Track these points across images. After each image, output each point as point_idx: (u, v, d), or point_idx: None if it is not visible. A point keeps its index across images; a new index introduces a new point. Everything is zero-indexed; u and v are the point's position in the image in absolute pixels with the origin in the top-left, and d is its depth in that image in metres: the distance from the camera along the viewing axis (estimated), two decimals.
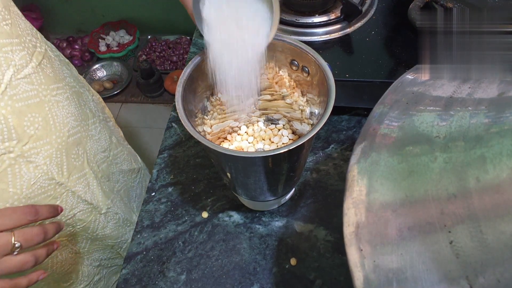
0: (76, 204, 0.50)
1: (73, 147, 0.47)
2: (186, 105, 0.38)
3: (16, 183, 0.40)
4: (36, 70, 0.41)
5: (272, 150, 0.32)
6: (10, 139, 0.38)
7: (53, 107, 0.43)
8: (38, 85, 0.41)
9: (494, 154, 0.21)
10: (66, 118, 0.46)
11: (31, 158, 0.41)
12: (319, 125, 0.33)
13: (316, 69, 0.38)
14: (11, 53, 0.38)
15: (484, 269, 0.20)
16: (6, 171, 0.38)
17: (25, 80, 0.39)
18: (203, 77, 0.40)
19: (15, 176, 0.39)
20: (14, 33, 0.39)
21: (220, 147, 0.33)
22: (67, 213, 0.49)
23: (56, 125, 0.44)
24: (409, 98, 0.30)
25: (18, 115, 0.38)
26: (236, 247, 0.47)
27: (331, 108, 0.34)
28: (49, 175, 0.43)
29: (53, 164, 0.44)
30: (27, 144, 0.40)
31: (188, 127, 0.34)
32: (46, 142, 0.42)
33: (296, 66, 0.41)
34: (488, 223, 0.20)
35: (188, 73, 0.38)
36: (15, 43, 0.38)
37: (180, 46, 1.73)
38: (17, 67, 0.38)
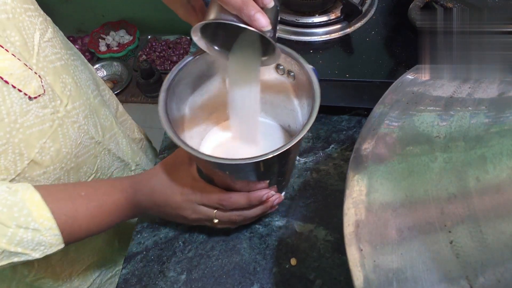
0: (112, 162, 0.53)
1: (100, 108, 0.50)
2: (171, 111, 0.37)
3: (66, 143, 0.42)
4: (54, 35, 0.43)
5: (257, 157, 0.31)
6: (55, 99, 0.40)
7: (75, 71, 0.45)
8: (60, 49, 0.43)
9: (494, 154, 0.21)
10: (87, 81, 0.48)
11: (74, 118, 0.43)
12: (304, 130, 0.33)
13: (301, 73, 0.38)
14: (33, 17, 0.39)
15: (484, 269, 0.20)
16: (57, 131, 0.40)
17: (49, 43, 0.41)
18: (189, 80, 0.40)
19: (65, 136, 0.41)
20: (29, 0, 0.40)
21: (204, 155, 0.32)
22: (106, 172, 0.52)
23: (83, 87, 0.46)
24: (409, 98, 0.30)
25: (53, 76, 0.40)
26: (236, 247, 0.47)
27: (317, 112, 0.34)
28: (89, 134, 0.46)
29: (90, 124, 0.46)
30: (68, 105, 0.42)
31: (171, 134, 0.33)
32: (81, 103, 0.44)
33: (281, 70, 0.41)
34: (488, 223, 0.20)
35: (172, 78, 0.38)
36: (33, 9, 0.40)
37: (180, 46, 1.73)
38: (41, 30, 0.40)
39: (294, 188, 0.51)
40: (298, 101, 0.42)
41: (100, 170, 0.50)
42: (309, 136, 0.56)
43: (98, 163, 0.49)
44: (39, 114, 0.38)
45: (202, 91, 0.43)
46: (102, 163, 0.50)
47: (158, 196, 0.41)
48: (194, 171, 0.41)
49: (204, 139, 0.48)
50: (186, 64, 0.39)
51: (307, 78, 0.37)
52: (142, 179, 0.42)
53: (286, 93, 0.43)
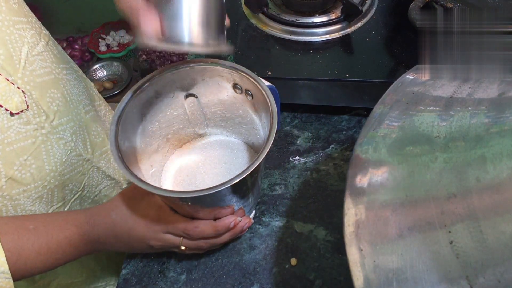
0: (101, 179, 0.51)
1: (92, 124, 0.49)
2: (123, 143, 0.36)
3: (50, 160, 0.41)
4: (46, 49, 0.42)
5: (217, 186, 0.30)
6: (40, 114, 0.39)
7: (66, 85, 0.44)
8: (50, 63, 0.42)
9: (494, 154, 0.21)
10: (79, 96, 0.47)
11: (59, 134, 0.42)
12: (264, 152, 0.32)
13: (258, 92, 0.37)
14: (23, 30, 0.38)
15: (484, 269, 0.20)
16: (40, 148, 0.39)
17: (39, 57, 0.40)
18: (139, 109, 0.39)
19: (49, 153, 0.40)
20: (22, 13, 0.39)
21: (159, 189, 0.31)
22: (94, 189, 0.50)
23: (73, 102, 0.45)
24: (409, 98, 0.30)
25: (40, 91, 0.39)
26: (236, 247, 0.47)
27: (275, 131, 0.33)
28: (76, 151, 0.44)
29: (78, 140, 0.45)
30: (54, 120, 0.41)
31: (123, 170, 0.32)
32: (69, 119, 0.43)
33: (239, 90, 0.40)
34: (488, 223, 0.20)
35: (122, 109, 0.36)
36: (24, 22, 0.39)
37: None
38: (30, 44, 0.39)
39: (294, 188, 0.51)
40: (258, 119, 0.41)
41: (87, 187, 0.49)
42: (309, 136, 0.56)
43: (86, 180, 0.48)
44: (21, 130, 0.37)
45: (154, 118, 0.42)
46: (90, 181, 0.49)
47: (120, 229, 0.39)
48: (157, 199, 0.39)
49: (166, 165, 0.47)
50: (136, 94, 0.38)
51: (264, 97, 0.36)
52: (100, 212, 0.39)
53: (246, 112, 0.42)
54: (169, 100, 0.42)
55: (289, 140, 0.56)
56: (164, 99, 0.41)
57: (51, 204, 0.43)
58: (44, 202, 0.42)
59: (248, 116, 0.43)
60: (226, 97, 0.42)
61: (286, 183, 0.51)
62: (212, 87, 0.41)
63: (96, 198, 0.51)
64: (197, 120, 0.46)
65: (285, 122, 0.58)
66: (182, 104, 0.43)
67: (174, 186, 0.45)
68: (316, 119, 0.58)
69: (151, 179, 0.43)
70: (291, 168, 0.53)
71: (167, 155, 0.47)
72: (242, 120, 0.44)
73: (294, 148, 0.54)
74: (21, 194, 0.39)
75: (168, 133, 0.45)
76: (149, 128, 0.42)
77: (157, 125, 0.42)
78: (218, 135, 0.49)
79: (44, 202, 0.42)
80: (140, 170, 0.39)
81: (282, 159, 0.54)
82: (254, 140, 0.45)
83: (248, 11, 0.58)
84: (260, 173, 0.40)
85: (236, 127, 0.46)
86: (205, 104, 0.44)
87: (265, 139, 0.35)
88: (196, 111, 0.45)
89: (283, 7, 0.58)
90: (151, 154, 0.43)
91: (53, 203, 0.43)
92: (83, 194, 0.48)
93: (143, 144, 0.41)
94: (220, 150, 0.47)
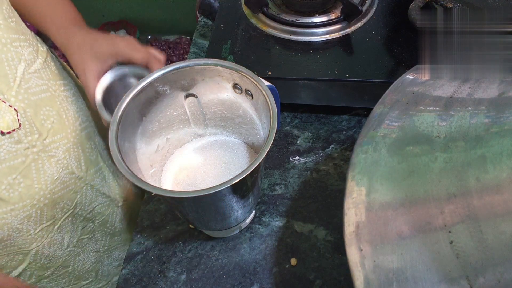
0: (95, 197, 0.50)
1: (86, 141, 0.48)
2: (123, 143, 0.35)
3: (40, 178, 0.40)
4: (43, 66, 0.42)
5: (215, 187, 0.30)
6: (32, 133, 0.38)
7: (63, 102, 0.44)
8: (47, 80, 0.42)
9: (494, 154, 0.21)
10: (76, 113, 0.46)
11: (52, 152, 0.41)
12: (263, 154, 0.32)
13: (258, 92, 0.37)
14: (20, 48, 0.38)
15: (484, 269, 0.20)
16: (30, 166, 0.39)
17: (36, 74, 0.40)
18: (139, 109, 0.39)
19: (39, 172, 0.40)
20: (19, 30, 0.39)
21: (159, 189, 0.31)
22: (87, 207, 0.49)
23: (69, 119, 0.44)
24: (409, 98, 0.30)
25: (34, 109, 0.39)
26: (236, 247, 0.47)
27: (275, 131, 0.33)
28: (69, 169, 0.44)
29: (72, 158, 0.44)
30: (47, 138, 0.40)
31: (125, 172, 0.32)
32: (63, 137, 0.43)
33: (239, 90, 0.40)
34: (488, 223, 0.20)
35: (123, 109, 0.36)
36: (22, 39, 0.39)
37: (180, 46, 1.73)
38: (27, 61, 0.39)
39: (294, 188, 0.51)
40: (258, 120, 0.41)
41: (80, 205, 0.48)
42: (309, 136, 0.56)
43: (78, 198, 0.47)
44: (11, 149, 0.36)
45: (154, 118, 0.42)
46: (82, 199, 0.48)
47: None
48: None
49: (166, 165, 0.47)
50: (136, 94, 0.38)
51: (264, 97, 0.36)
52: None
53: (246, 112, 0.42)
54: (169, 100, 0.42)
55: (289, 140, 0.56)
56: (164, 99, 0.41)
57: (40, 222, 0.42)
58: (33, 220, 0.41)
59: (248, 116, 0.42)
60: (226, 97, 0.42)
61: (286, 183, 0.51)
62: (212, 87, 0.41)
63: (89, 216, 0.50)
64: (197, 120, 0.46)
65: (285, 122, 0.58)
66: (182, 104, 0.43)
67: (174, 186, 0.45)
68: (316, 119, 0.58)
69: (151, 179, 0.43)
70: (291, 168, 0.53)
71: (167, 155, 0.47)
72: (242, 120, 0.44)
73: (294, 148, 0.55)
74: (8, 213, 0.38)
75: (168, 133, 0.45)
76: (149, 128, 0.42)
77: (157, 125, 0.42)
78: (218, 135, 0.49)
79: (32, 221, 0.41)
80: (140, 170, 0.39)
81: (282, 159, 0.54)
82: (254, 140, 0.45)
83: (248, 11, 0.58)
84: (260, 173, 0.40)
85: (236, 127, 0.46)
86: (205, 104, 0.44)
87: (265, 139, 0.35)
88: (196, 111, 0.45)
89: (283, 7, 0.58)
90: (151, 154, 0.43)
91: (42, 222, 0.42)
92: (75, 212, 0.47)
93: (143, 144, 0.41)
94: (220, 150, 0.47)
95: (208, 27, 0.73)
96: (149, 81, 0.38)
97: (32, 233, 0.42)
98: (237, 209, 0.40)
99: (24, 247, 0.42)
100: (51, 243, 0.45)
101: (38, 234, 0.43)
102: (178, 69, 0.39)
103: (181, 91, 0.42)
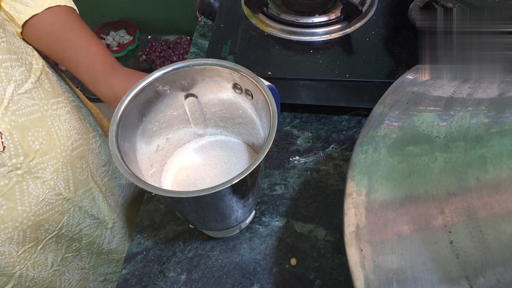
0: (83, 219, 0.49)
1: (77, 160, 0.47)
2: (123, 143, 0.35)
3: (24, 200, 0.39)
4: (35, 85, 0.41)
5: (215, 187, 0.30)
6: (17, 155, 0.37)
7: (55, 121, 0.43)
8: (38, 100, 0.41)
9: (494, 154, 0.21)
10: (68, 132, 0.45)
11: (38, 173, 0.40)
12: (263, 154, 0.32)
13: (258, 92, 0.37)
14: (10, 68, 0.37)
15: (484, 270, 0.20)
16: (14, 188, 0.38)
17: (26, 95, 0.39)
18: (139, 109, 0.39)
19: (23, 194, 0.39)
20: (11, 50, 0.39)
21: (159, 189, 0.31)
22: (74, 229, 0.48)
23: (60, 139, 0.43)
24: (409, 98, 0.30)
25: (22, 130, 0.38)
26: (236, 247, 0.47)
27: (275, 131, 0.33)
28: (56, 190, 0.43)
29: (60, 179, 0.43)
30: (34, 159, 0.39)
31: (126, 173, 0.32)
32: (52, 157, 0.42)
33: (239, 90, 0.40)
34: (488, 223, 0.20)
35: (124, 109, 0.36)
36: (13, 59, 0.38)
37: (180, 46, 1.73)
38: (17, 82, 0.38)
39: (294, 188, 0.51)
40: (258, 120, 0.41)
41: (66, 227, 0.47)
42: (309, 136, 0.56)
43: (65, 220, 0.46)
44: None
45: (154, 118, 0.41)
46: (69, 220, 0.46)
47: None
48: None
49: (166, 165, 0.47)
50: (136, 94, 0.37)
51: (264, 97, 0.36)
52: None
53: (246, 112, 0.42)
54: (169, 100, 0.42)
55: (289, 140, 0.56)
56: (164, 99, 0.41)
57: (23, 244, 0.41)
58: (15, 242, 0.40)
59: (248, 116, 0.42)
60: (226, 97, 0.42)
61: (286, 183, 0.51)
62: (212, 87, 0.41)
63: (76, 237, 0.49)
64: (197, 120, 0.46)
65: (285, 122, 0.58)
66: (182, 104, 0.43)
67: (174, 186, 0.45)
68: (316, 119, 0.58)
69: (151, 179, 0.43)
70: (291, 168, 0.53)
71: (167, 155, 0.47)
72: (242, 120, 0.44)
73: (294, 148, 0.55)
74: None
75: (168, 133, 0.45)
76: (149, 128, 0.42)
77: (157, 125, 0.42)
78: (218, 135, 0.49)
79: (14, 242, 0.40)
80: (140, 170, 0.39)
81: (282, 159, 0.54)
82: (254, 140, 0.45)
83: (248, 11, 0.58)
84: (260, 173, 0.40)
85: (236, 127, 0.46)
86: (205, 104, 0.44)
87: (265, 139, 0.35)
88: (196, 111, 0.45)
89: (283, 7, 0.58)
90: (151, 154, 0.43)
91: (24, 244, 0.41)
92: (61, 233, 0.46)
93: (143, 144, 0.41)
94: (220, 150, 0.47)
95: (208, 27, 0.73)
96: (149, 81, 0.38)
97: (14, 255, 0.41)
98: (237, 209, 0.40)
99: (7, 269, 0.41)
100: (34, 264, 0.44)
101: (20, 256, 0.42)
102: (178, 69, 0.39)
103: (181, 91, 0.42)
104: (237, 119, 0.45)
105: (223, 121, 0.46)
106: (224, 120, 0.46)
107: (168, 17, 1.70)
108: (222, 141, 0.48)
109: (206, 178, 0.45)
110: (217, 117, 0.46)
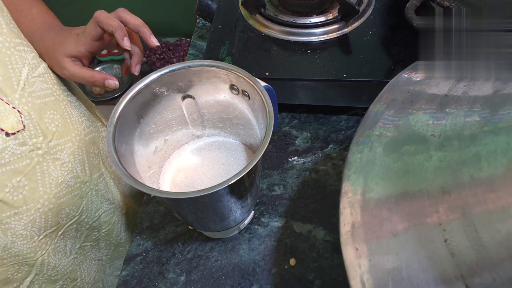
0: (100, 204, 0.50)
1: (90, 145, 0.48)
2: (120, 145, 0.35)
3: (45, 181, 0.40)
4: (47, 71, 0.42)
5: (212, 187, 0.30)
6: (37, 135, 0.38)
7: (67, 106, 0.44)
8: (51, 84, 0.42)
9: (489, 152, 0.21)
10: (79, 118, 0.47)
11: (57, 155, 0.41)
12: (260, 154, 0.32)
13: (254, 93, 0.37)
14: (23, 52, 0.38)
15: (479, 268, 0.20)
16: (35, 169, 0.38)
17: (40, 78, 0.40)
18: (136, 110, 0.39)
19: (44, 174, 0.39)
20: (21, 36, 0.40)
21: (157, 191, 0.31)
22: (93, 215, 0.49)
23: (73, 123, 0.45)
24: (405, 97, 0.30)
25: (39, 112, 0.39)
26: (235, 248, 0.47)
27: (271, 132, 0.33)
28: (74, 173, 0.44)
29: (76, 161, 0.44)
30: (52, 140, 0.40)
31: (123, 174, 0.32)
32: (67, 140, 0.43)
33: (236, 91, 0.40)
34: (483, 221, 0.20)
35: (121, 111, 0.36)
36: (25, 45, 0.39)
37: (180, 48, 1.74)
38: (31, 65, 0.39)
39: (293, 189, 0.51)
40: (255, 120, 0.41)
41: (86, 212, 0.47)
42: (307, 136, 0.56)
43: (84, 204, 0.46)
44: (16, 151, 0.36)
45: (151, 119, 0.42)
46: (89, 205, 0.47)
47: None
48: None
49: (164, 167, 0.47)
50: (133, 96, 0.38)
51: (261, 98, 0.36)
52: None
53: (243, 113, 0.42)
54: (167, 102, 0.42)
55: (287, 140, 0.56)
56: (161, 101, 0.41)
57: (44, 228, 0.42)
58: (37, 226, 0.41)
59: (245, 117, 0.43)
60: (223, 98, 0.42)
61: (285, 184, 0.51)
62: (209, 88, 0.41)
63: (95, 224, 0.50)
64: (195, 121, 0.46)
65: (283, 123, 0.58)
66: (179, 106, 0.43)
67: (172, 187, 0.45)
68: (314, 119, 0.58)
69: (149, 181, 0.43)
70: (289, 169, 0.53)
71: (165, 157, 0.47)
72: (239, 121, 0.44)
73: (292, 149, 0.54)
74: (11, 218, 0.38)
75: (166, 135, 0.45)
76: (146, 130, 0.42)
77: (154, 127, 0.43)
78: (215, 136, 0.49)
79: (36, 226, 0.40)
80: (138, 172, 0.39)
81: (280, 159, 0.54)
82: (252, 140, 0.45)
83: (246, 12, 0.58)
84: (258, 173, 0.40)
85: (233, 128, 0.46)
86: (203, 105, 0.44)
87: (262, 139, 0.35)
88: (194, 113, 0.45)
89: (281, 8, 0.58)
90: (149, 156, 0.43)
91: (46, 228, 0.42)
92: (81, 219, 0.47)
93: (141, 146, 0.41)
94: (218, 151, 0.47)
95: (207, 28, 0.73)
96: (145, 83, 0.38)
97: (36, 240, 0.41)
98: (236, 210, 0.40)
99: (29, 256, 0.42)
100: (55, 250, 0.45)
101: (41, 241, 0.42)
102: (174, 71, 0.39)
103: (178, 93, 0.42)
104: (235, 120, 0.45)
105: (221, 122, 0.46)
106: (222, 121, 0.46)
107: (168, 19, 1.70)
108: (220, 142, 0.48)
109: (204, 179, 0.45)
110: (215, 118, 0.46)
